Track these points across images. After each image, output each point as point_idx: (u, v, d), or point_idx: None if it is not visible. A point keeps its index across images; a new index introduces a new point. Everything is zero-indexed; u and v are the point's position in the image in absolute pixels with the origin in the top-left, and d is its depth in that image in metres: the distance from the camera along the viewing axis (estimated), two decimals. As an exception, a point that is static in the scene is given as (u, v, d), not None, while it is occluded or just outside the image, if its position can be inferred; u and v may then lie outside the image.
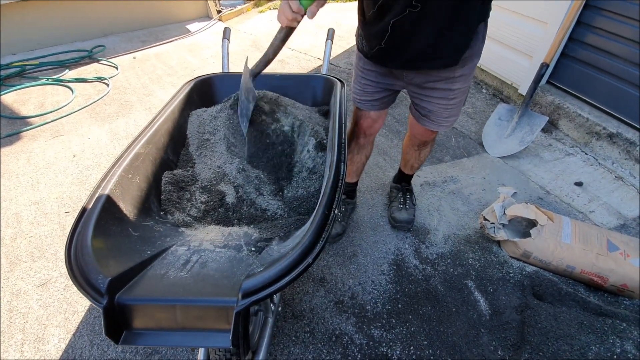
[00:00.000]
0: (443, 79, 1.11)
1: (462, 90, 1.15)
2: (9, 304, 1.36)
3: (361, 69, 1.26)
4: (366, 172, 2.02)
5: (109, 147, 2.21)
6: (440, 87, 1.14)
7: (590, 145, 2.16)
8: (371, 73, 1.24)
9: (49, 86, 2.84)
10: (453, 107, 1.20)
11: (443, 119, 1.24)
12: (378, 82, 1.25)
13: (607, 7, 1.97)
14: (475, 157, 2.16)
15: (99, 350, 1.23)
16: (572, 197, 1.87)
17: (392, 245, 1.61)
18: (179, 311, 0.64)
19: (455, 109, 1.21)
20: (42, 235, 1.63)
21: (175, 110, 1.19)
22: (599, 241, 1.43)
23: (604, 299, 1.40)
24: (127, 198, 0.88)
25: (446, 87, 1.13)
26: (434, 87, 1.15)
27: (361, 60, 1.25)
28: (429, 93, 1.18)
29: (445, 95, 1.15)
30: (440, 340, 1.26)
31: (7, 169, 2.01)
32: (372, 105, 1.32)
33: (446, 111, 1.21)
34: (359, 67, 1.27)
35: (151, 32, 3.92)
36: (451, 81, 1.11)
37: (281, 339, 1.26)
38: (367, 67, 1.24)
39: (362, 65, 1.25)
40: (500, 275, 1.48)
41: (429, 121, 1.27)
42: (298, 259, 0.66)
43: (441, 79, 1.11)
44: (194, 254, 0.79)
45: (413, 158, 1.57)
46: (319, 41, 3.75)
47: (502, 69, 2.64)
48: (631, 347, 1.16)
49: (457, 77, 1.10)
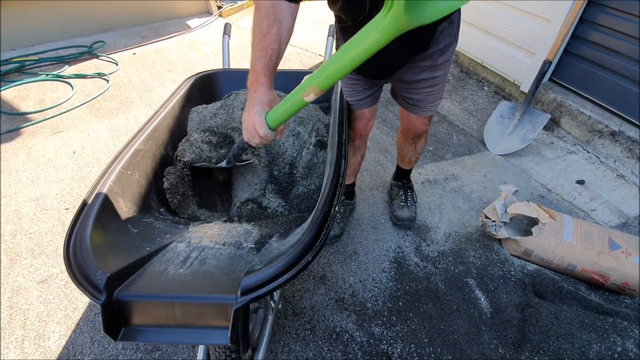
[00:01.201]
0: (426, 68, 1.14)
1: (443, 75, 1.20)
2: (10, 301, 1.36)
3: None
4: (367, 170, 2.01)
5: (109, 143, 2.20)
6: (424, 77, 1.17)
7: (592, 144, 2.15)
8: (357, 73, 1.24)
9: (48, 82, 2.82)
10: (438, 92, 1.25)
11: (430, 104, 1.29)
12: (366, 79, 1.25)
13: (611, 5, 1.95)
14: (477, 155, 2.15)
15: (99, 346, 1.23)
16: (573, 195, 1.86)
17: (393, 243, 1.61)
18: (177, 308, 0.64)
19: (439, 93, 1.27)
20: (43, 232, 1.63)
21: (175, 107, 1.18)
22: (600, 240, 1.42)
23: (605, 297, 1.39)
24: (127, 194, 0.87)
25: (430, 76, 1.17)
26: (419, 78, 1.18)
27: None
28: (415, 85, 1.21)
29: (430, 84, 1.20)
30: (441, 338, 1.26)
31: (7, 165, 2.01)
32: (366, 103, 1.32)
33: (432, 97, 1.26)
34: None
35: (151, 28, 3.90)
36: (434, 69, 1.15)
37: (282, 336, 1.26)
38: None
39: None
40: (501, 273, 1.47)
41: (418, 109, 1.31)
42: (298, 256, 0.66)
43: (425, 69, 1.14)
44: (193, 251, 0.78)
45: (410, 152, 1.57)
46: (319, 37, 3.73)
47: (504, 66, 2.62)
48: (632, 346, 1.15)
49: (438, 64, 1.14)
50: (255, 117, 0.83)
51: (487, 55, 2.75)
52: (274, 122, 0.82)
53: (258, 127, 0.82)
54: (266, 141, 0.86)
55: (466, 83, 2.87)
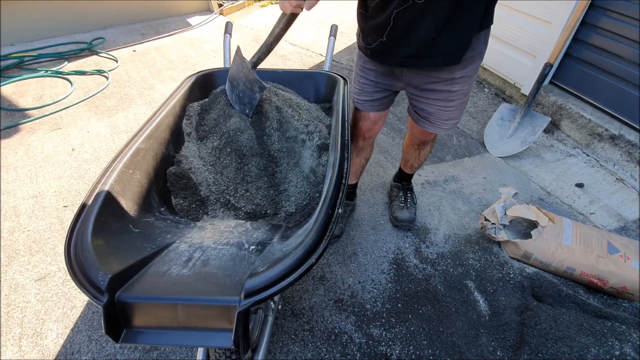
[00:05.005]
0: (442, 80, 1.09)
1: (462, 92, 1.13)
2: (7, 298, 1.35)
3: (361, 67, 1.24)
4: (367, 171, 2.01)
5: (108, 141, 2.19)
6: (439, 89, 1.12)
7: (591, 147, 2.16)
8: (371, 72, 1.22)
9: (47, 78, 2.81)
10: (452, 110, 1.18)
11: (442, 121, 1.22)
12: (377, 81, 1.23)
13: (613, 8, 1.96)
14: (477, 157, 2.15)
15: (97, 345, 1.22)
16: (572, 198, 1.87)
17: (392, 244, 1.61)
18: (180, 310, 0.64)
19: (455, 111, 1.19)
20: (41, 229, 1.62)
21: (176, 105, 1.17)
22: (599, 243, 1.43)
23: (603, 301, 1.40)
24: (128, 194, 0.87)
25: (445, 89, 1.11)
26: (433, 88, 1.13)
27: (361, 59, 1.23)
28: (428, 95, 1.16)
29: (445, 97, 1.13)
30: (440, 340, 1.26)
31: (6, 161, 2.00)
32: (372, 106, 1.30)
33: (445, 113, 1.19)
34: (358, 66, 1.26)
35: (151, 25, 3.88)
36: (451, 83, 1.09)
37: (281, 336, 1.26)
38: (367, 66, 1.22)
39: (362, 64, 1.23)
40: (500, 276, 1.48)
41: (428, 123, 1.25)
42: (301, 258, 0.65)
43: (440, 80, 1.09)
44: (196, 251, 0.78)
45: (413, 157, 1.56)
46: (320, 37, 3.73)
47: (505, 68, 2.63)
48: (630, 350, 1.16)
49: (457, 78, 1.08)
50: None
51: (488, 57, 2.75)
52: None
53: None
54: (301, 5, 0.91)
55: (467, 85, 2.86)
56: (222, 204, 1.07)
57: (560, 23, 2.11)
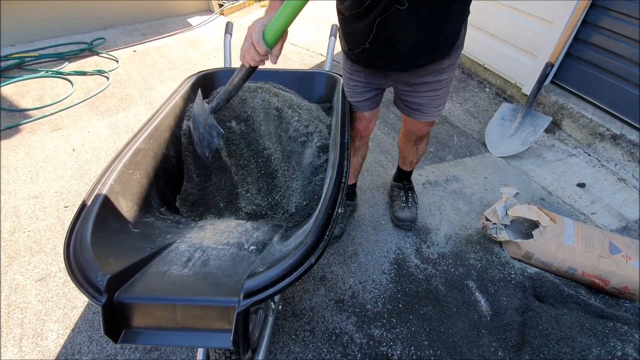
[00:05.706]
0: (431, 72, 1.11)
1: (448, 80, 1.16)
2: (8, 299, 1.35)
3: (348, 70, 1.23)
4: (367, 170, 2.00)
5: (108, 141, 2.19)
6: (428, 81, 1.14)
7: (593, 147, 2.15)
8: (360, 74, 1.21)
9: (48, 79, 2.81)
10: (441, 97, 1.21)
11: (433, 109, 1.25)
12: (367, 82, 1.22)
13: (614, 7, 1.95)
14: (478, 157, 2.14)
15: (97, 346, 1.22)
16: (574, 198, 1.86)
17: (393, 245, 1.60)
18: (179, 310, 0.63)
19: (443, 97, 1.23)
20: (41, 230, 1.62)
21: (176, 106, 1.17)
22: (601, 243, 1.42)
23: (605, 301, 1.39)
24: (127, 194, 0.87)
25: (434, 80, 1.13)
26: (423, 81, 1.14)
27: (347, 62, 1.22)
28: (418, 88, 1.17)
29: (434, 87, 1.16)
30: (441, 341, 1.26)
31: (6, 162, 2.00)
32: (364, 106, 1.30)
33: (435, 101, 1.22)
34: (346, 69, 1.25)
35: (152, 25, 3.89)
36: (439, 73, 1.11)
37: (281, 337, 1.25)
38: (354, 68, 1.21)
39: (349, 67, 1.22)
40: (501, 276, 1.47)
41: (421, 114, 1.28)
42: (301, 258, 0.65)
43: (429, 73, 1.11)
44: (196, 251, 0.78)
45: (411, 154, 1.56)
46: (321, 37, 3.72)
47: (506, 68, 2.62)
48: (632, 350, 1.15)
49: (444, 68, 1.10)
50: (255, 29, 0.85)
51: (488, 57, 2.74)
52: (272, 36, 0.85)
53: (256, 42, 0.85)
54: (264, 60, 0.89)
55: (467, 84, 2.86)
56: (222, 204, 1.07)
57: (561, 22, 2.11)
